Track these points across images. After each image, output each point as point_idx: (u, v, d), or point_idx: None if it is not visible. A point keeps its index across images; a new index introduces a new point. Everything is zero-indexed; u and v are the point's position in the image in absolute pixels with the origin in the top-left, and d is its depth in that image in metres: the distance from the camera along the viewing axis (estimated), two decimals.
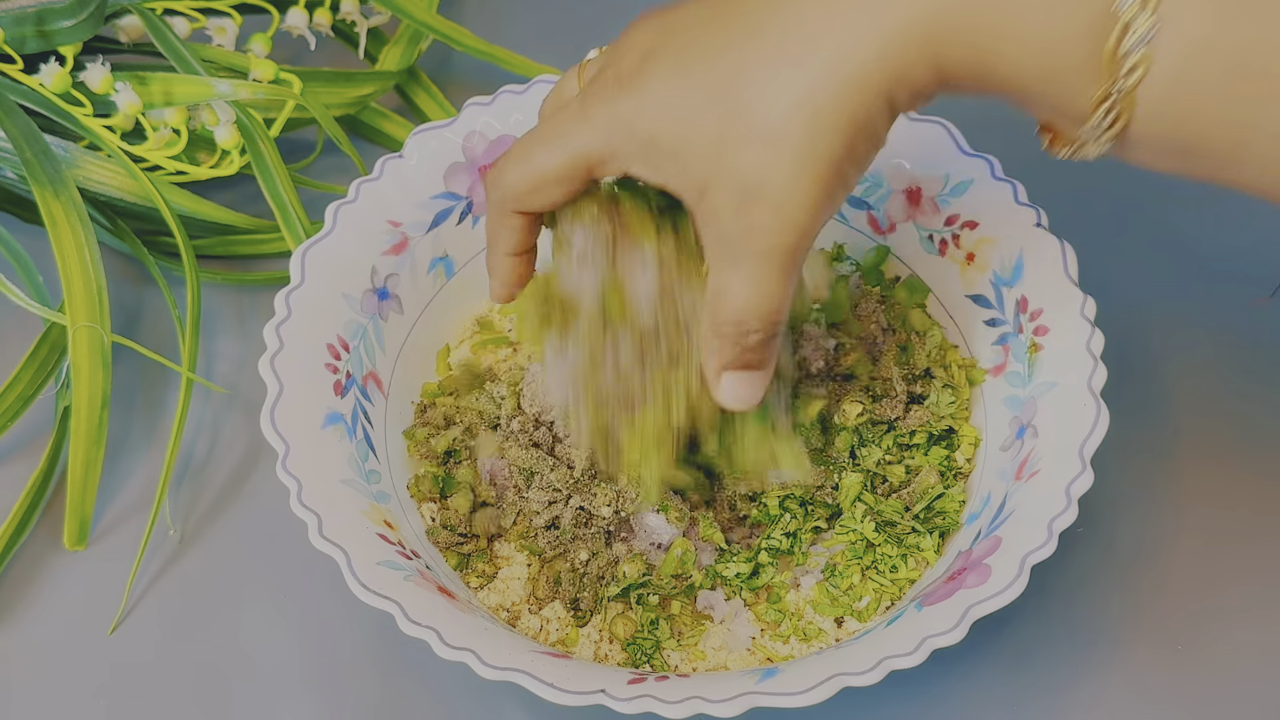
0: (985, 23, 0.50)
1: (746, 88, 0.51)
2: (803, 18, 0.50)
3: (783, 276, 0.54)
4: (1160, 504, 0.68)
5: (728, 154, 0.52)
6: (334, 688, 0.65)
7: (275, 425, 0.62)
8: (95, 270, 0.71)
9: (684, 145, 0.53)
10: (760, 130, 0.51)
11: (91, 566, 0.69)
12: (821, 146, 0.51)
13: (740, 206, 0.52)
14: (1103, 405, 0.61)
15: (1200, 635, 0.65)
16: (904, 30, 0.50)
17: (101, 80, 0.75)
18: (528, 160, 0.57)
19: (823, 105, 0.50)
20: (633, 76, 0.53)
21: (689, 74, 0.52)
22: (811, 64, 0.50)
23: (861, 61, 0.50)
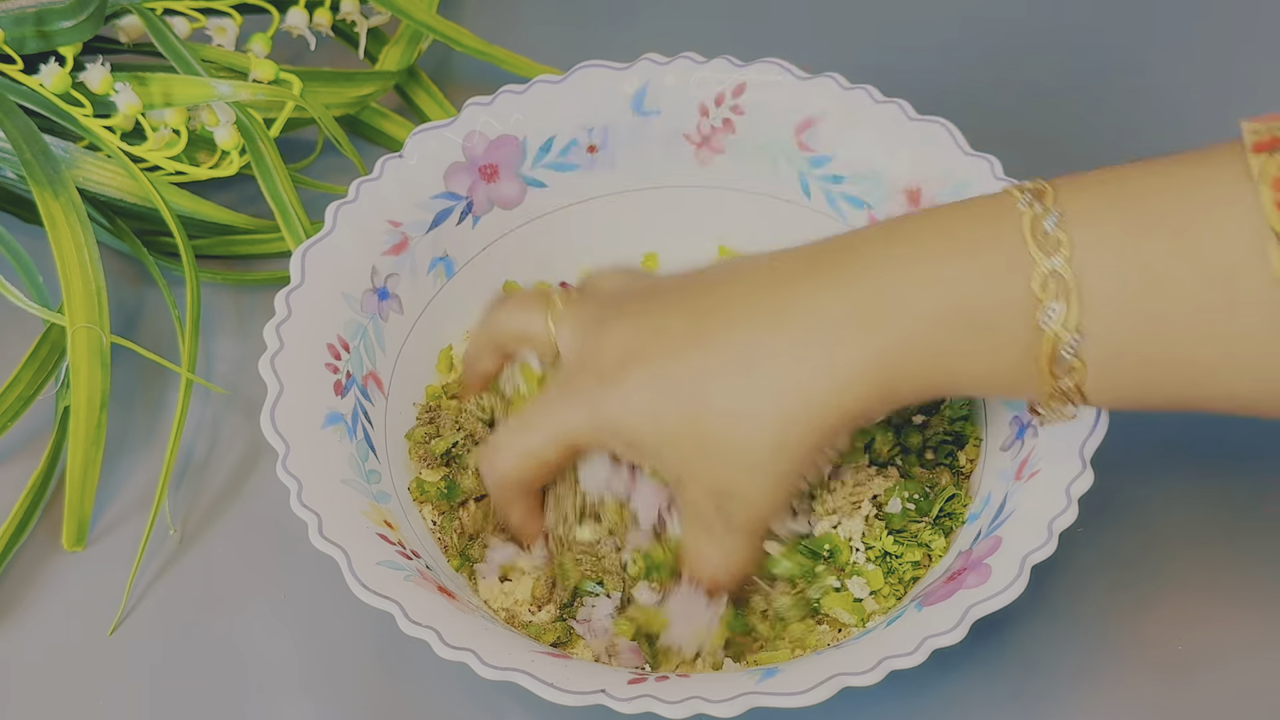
0: (930, 364, 0.57)
1: (717, 415, 0.58)
2: (774, 354, 0.57)
3: (750, 547, 0.61)
4: (1160, 504, 0.68)
5: (699, 462, 0.59)
6: (334, 688, 0.65)
7: (275, 425, 0.62)
8: (94, 270, 0.71)
9: (659, 447, 0.59)
10: (729, 451, 0.58)
11: (91, 567, 0.69)
12: (785, 468, 0.59)
13: (710, 499, 0.60)
14: None
15: (1200, 635, 0.65)
16: (861, 375, 0.57)
17: (101, 80, 0.75)
18: (521, 446, 0.63)
19: (788, 435, 0.57)
20: (614, 378, 0.60)
21: (665, 388, 0.59)
22: (779, 400, 0.57)
23: (823, 402, 0.57)
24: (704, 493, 0.60)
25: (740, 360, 0.58)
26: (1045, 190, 0.56)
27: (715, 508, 0.60)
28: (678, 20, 0.91)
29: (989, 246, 0.56)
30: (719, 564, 0.62)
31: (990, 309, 0.55)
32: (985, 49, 0.88)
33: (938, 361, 0.57)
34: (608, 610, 0.63)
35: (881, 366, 0.56)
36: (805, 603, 0.63)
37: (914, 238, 0.57)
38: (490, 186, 0.73)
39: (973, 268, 0.56)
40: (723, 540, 0.61)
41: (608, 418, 0.60)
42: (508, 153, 0.73)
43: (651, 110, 0.74)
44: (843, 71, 0.73)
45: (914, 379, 0.57)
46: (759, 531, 0.61)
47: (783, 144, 0.73)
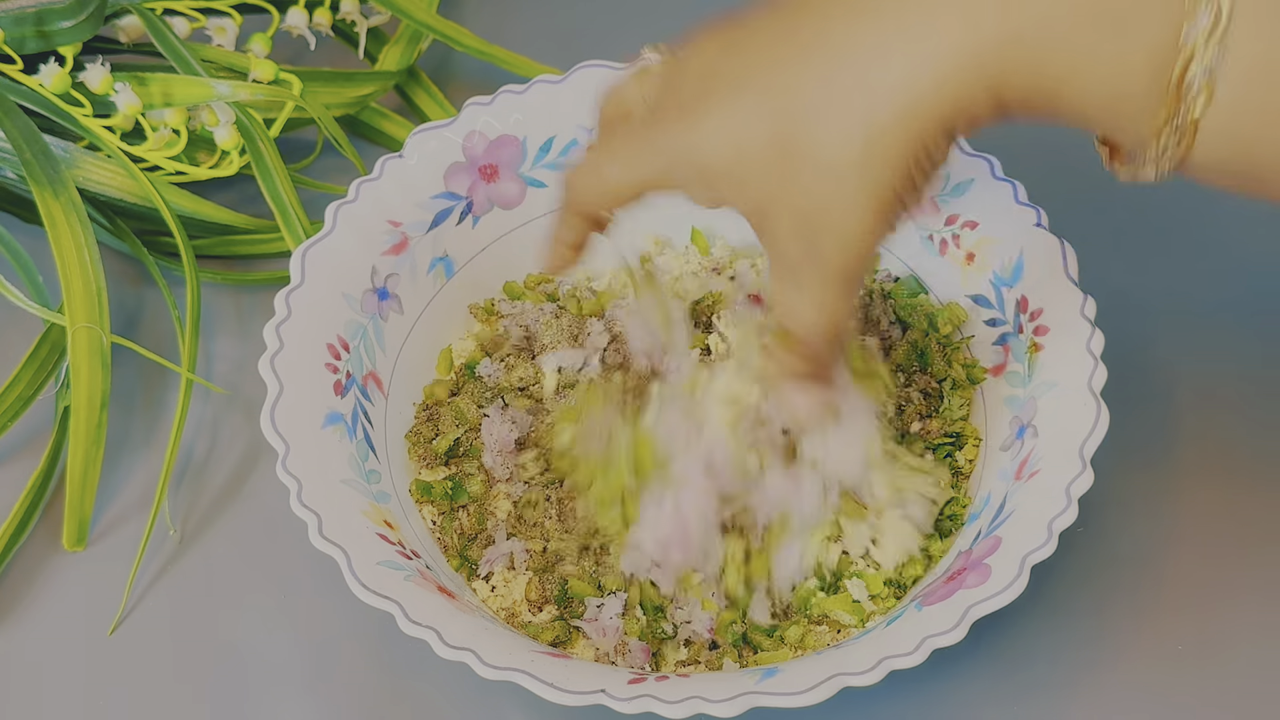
0: (1048, 56, 0.50)
1: (805, 115, 0.51)
2: (863, 43, 0.51)
3: (844, 295, 0.55)
4: (1160, 504, 0.68)
5: (786, 180, 0.52)
6: (334, 688, 0.65)
7: (275, 425, 0.62)
8: (95, 270, 0.71)
9: (742, 171, 0.53)
10: (818, 158, 0.51)
11: (91, 567, 0.69)
12: (880, 177, 0.51)
13: (799, 231, 0.53)
14: (1103, 405, 0.61)
15: (1200, 635, 0.65)
16: (965, 63, 0.50)
17: (101, 80, 0.75)
18: (599, 175, 0.57)
19: (880, 136, 0.51)
20: (694, 105, 0.54)
21: (749, 100, 0.52)
22: (870, 94, 0.50)
23: (920, 93, 0.50)
24: (791, 223, 0.53)
25: (829, 57, 0.51)
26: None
27: (804, 243, 0.53)
28: (678, 20, 0.90)
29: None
30: (812, 318, 0.56)
31: (1129, 5, 0.49)
32: None
33: (1055, 59, 0.50)
34: (616, 609, 0.63)
35: (991, 54, 0.50)
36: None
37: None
38: (490, 186, 0.73)
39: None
40: (813, 287, 0.55)
41: (688, 150, 0.54)
42: (508, 153, 0.73)
43: None
44: None
45: (1024, 77, 0.50)
46: (853, 271, 0.54)
47: None
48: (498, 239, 0.73)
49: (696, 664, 0.63)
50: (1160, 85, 0.49)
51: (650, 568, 0.63)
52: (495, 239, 0.73)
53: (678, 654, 0.63)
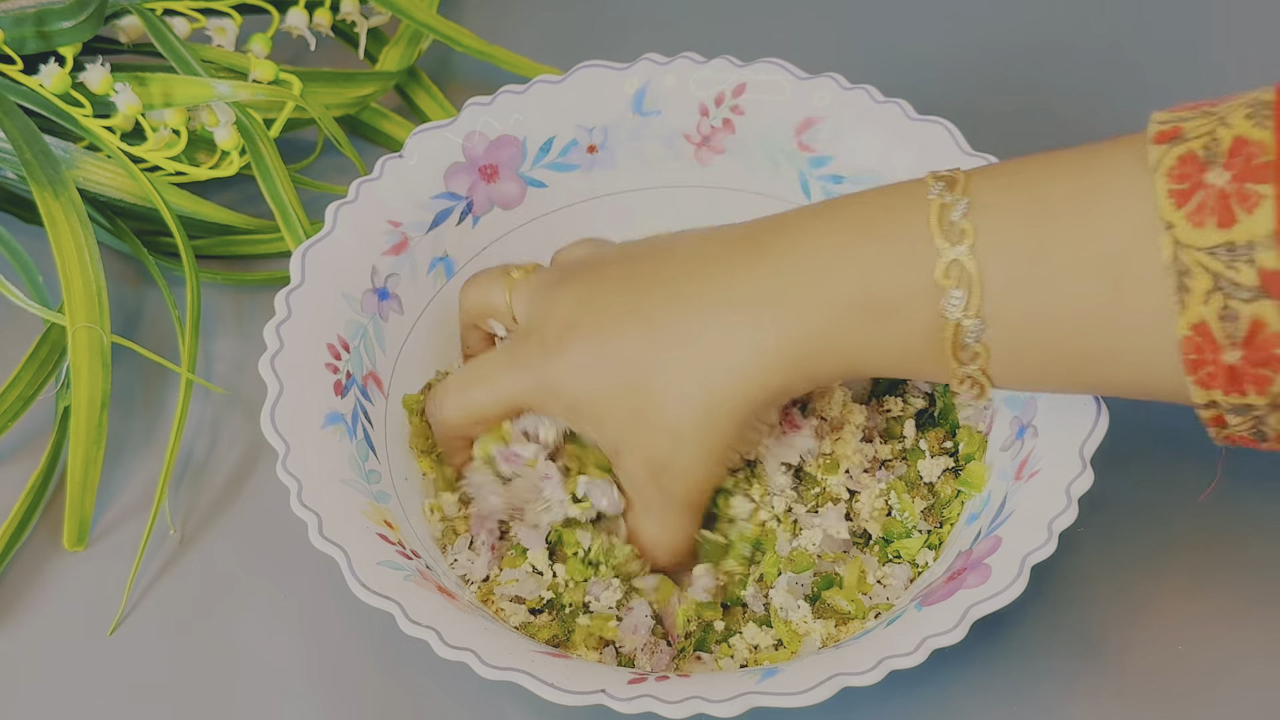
0: (843, 344, 0.59)
1: (652, 387, 0.60)
2: (701, 334, 0.60)
3: (687, 520, 0.63)
4: (1160, 504, 0.68)
5: (636, 430, 0.61)
6: (334, 688, 0.65)
7: (275, 425, 0.62)
8: (95, 271, 0.71)
9: (599, 416, 0.62)
10: (664, 423, 0.61)
11: (91, 567, 0.69)
12: (715, 438, 0.61)
13: (647, 470, 0.62)
14: (1103, 405, 0.61)
15: (1200, 635, 0.65)
16: (779, 355, 0.59)
17: (101, 81, 0.75)
18: (465, 398, 0.65)
19: (716, 408, 0.60)
20: (557, 347, 0.62)
21: (602, 362, 0.61)
22: (708, 374, 0.60)
23: (747, 376, 0.59)
24: (640, 464, 0.62)
25: (671, 338, 0.60)
26: (957, 179, 0.58)
27: (650, 478, 0.62)
28: (678, 20, 0.91)
29: (898, 235, 0.58)
30: (656, 539, 0.64)
31: (897, 295, 0.57)
32: (986, 49, 0.88)
33: (850, 344, 0.59)
34: (646, 611, 0.63)
35: (798, 348, 0.59)
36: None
37: (835, 224, 0.59)
38: (490, 186, 0.73)
39: (882, 256, 0.58)
40: (660, 514, 0.63)
41: (550, 384, 0.63)
42: (508, 153, 0.73)
43: (651, 110, 0.74)
44: (843, 71, 0.73)
45: (829, 359, 0.59)
46: (694, 504, 0.63)
47: (783, 144, 0.73)
48: (498, 239, 0.73)
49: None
50: (941, 353, 0.57)
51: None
52: (495, 239, 0.73)
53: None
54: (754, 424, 0.62)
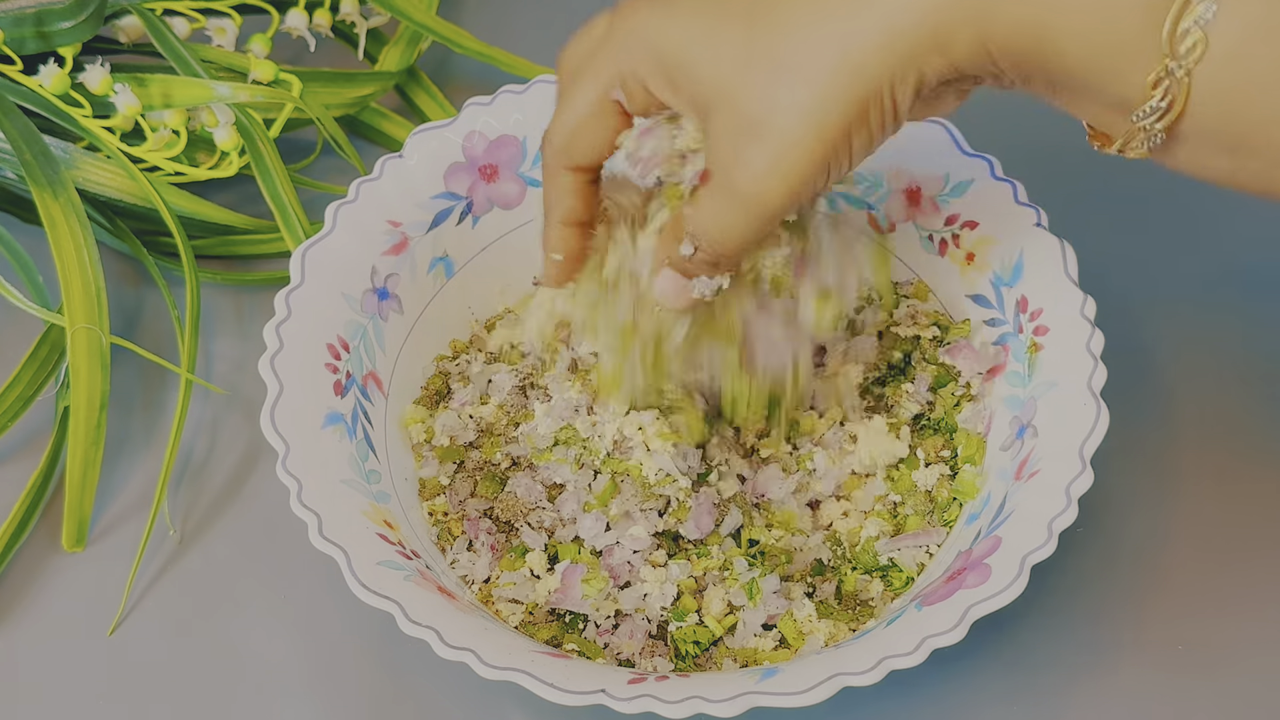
0: (1031, 11, 0.48)
1: (785, 23, 0.49)
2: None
3: (751, 226, 0.53)
4: (1160, 504, 0.68)
5: (742, 76, 0.50)
6: (334, 688, 0.65)
7: (275, 425, 0.62)
8: (94, 271, 0.71)
9: (701, 60, 0.51)
10: (784, 60, 0.49)
11: (91, 567, 0.69)
12: (837, 104, 0.49)
13: (739, 135, 0.51)
14: (1103, 405, 0.61)
15: (1200, 635, 0.65)
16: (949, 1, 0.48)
17: (101, 81, 0.75)
18: (562, 105, 0.56)
19: (854, 57, 0.48)
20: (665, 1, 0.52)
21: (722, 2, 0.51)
22: (855, 16, 0.48)
23: (903, 25, 0.48)
24: (731, 122, 0.51)
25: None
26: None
27: (735, 147, 0.51)
28: None
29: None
30: (710, 224, 0.54)
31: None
32: None
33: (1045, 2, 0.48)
34: (642, 619, 0.64)
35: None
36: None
37: None
38: (490, 186, 0.73)
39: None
40: (724, 202, 0.53)
41: (646, 34, 0.53)
42: (508, 153, 0.73)
43: None
44: None
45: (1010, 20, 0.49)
46: (766, 210, 0.53)
47: None
48: (498, 239, 0.73)
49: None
50: (1153, 33, 0.47)
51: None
52: (495, 239, 0.73)
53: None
54: (885, 105, 0.50)
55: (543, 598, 0.64)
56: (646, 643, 0.63)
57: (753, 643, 0.63)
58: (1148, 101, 0.48)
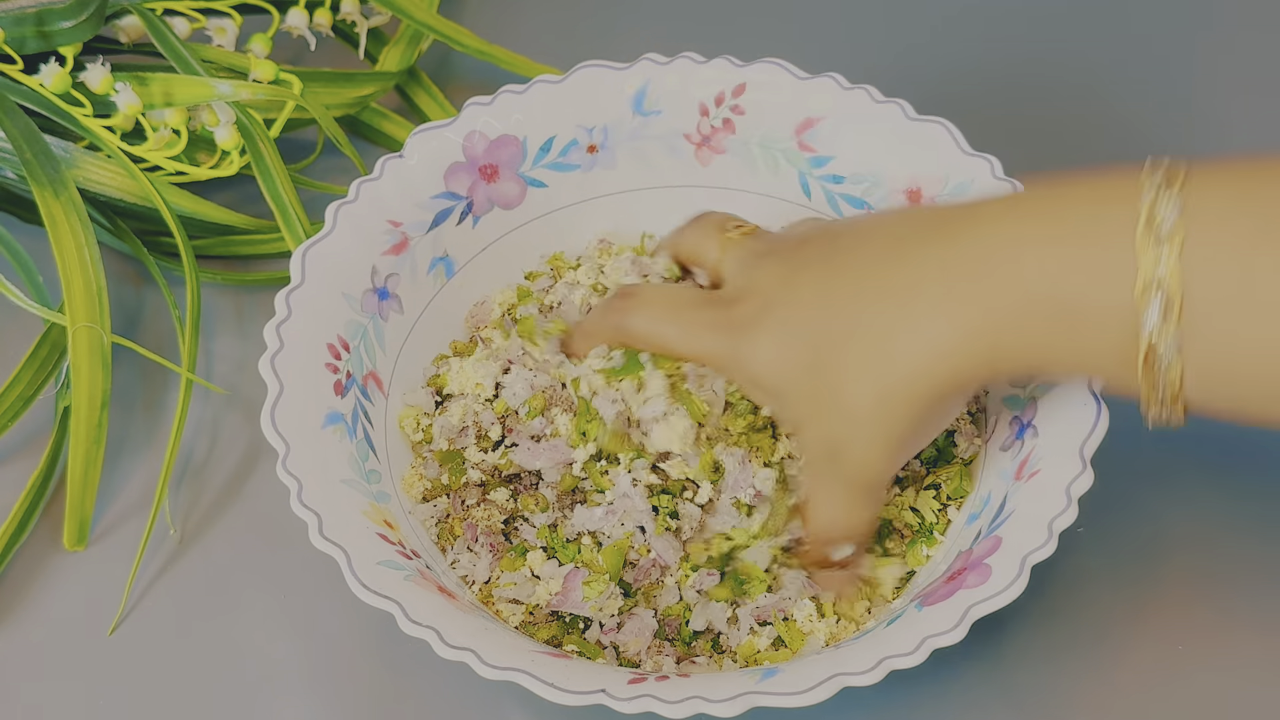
0: (1026, 347, 0.57)
1: (833, 371, 0.60)
2: (891, 323, 0.59)
3: (864, 504, 0.63)
4: (1160, 504, 0.68)
5: (817, 411, 0.61)
6: (334, 688, 0.65)
7: (275, 425, 0.62)
8: (95, 270, 0.71)
9: (783, 395, 0.62)
10: (842, 404, 0.60)
11: (91, 566, 0.69)
12: (890, 427, 0.60)
13: (826, 453, 0.62)
14: (1103, 405, 0.61)
15: (1200, 635, 0.65)
16: (957, 347, 0.58)
17: (101, 81, 0.75)
18: (657, 327, 0.65)
19: (890, 396, 0.59)
20: (752, 323, 0.62)
21: (791, 341, 0.61)
22: (885, 362, 0.59)
23: (931, 369, 0.58)
24: (820, 445, 0.62)
25: (856, 326, 0.60)
26: (1178, 174, 0.54)
27: (828, 456, 0.62)
28: (678, 20, 0.91)
29: (1099, 240, 0.55)
30: (830, 515, 0.63)
31: (1089, 303, 0.55)
32: (985, 49, 0.88)
33: (1035, 343, 0.57)
34: (648, 616, 0.63)
35: (980, 340, 0.57)
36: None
37: (1030, 217, 0.57)
38: (490, 186, 0.73)
39: (1079, 261, 0.55)
40: (834, 493, 0.62)
41: (739, 358, 0.63)
42: (508, 153, 0.73)
43: (652, 110, 0.74)
44: (843, 71, 0.73)
45: (1012, 357, 0.58)
46: (871, 486, 0.62)
47: (783, 144, 0.73)
48: (498, 239, 0.73)
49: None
50: (1130, 367, 0.55)
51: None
52: (495, 239, 0.73)
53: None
54: (932, 417, 0.61)
55: (543, 600, 0.64)
56: (652, 641, 0.63)
57: (749, 640, 0.63)
58: (1151, 406, 0.56)
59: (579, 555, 0.64)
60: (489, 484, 0.67)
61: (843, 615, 0.64)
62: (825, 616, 0.64)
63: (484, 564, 0.65)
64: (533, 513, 0.65)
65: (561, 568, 0.64)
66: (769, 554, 0.64)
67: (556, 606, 0.63)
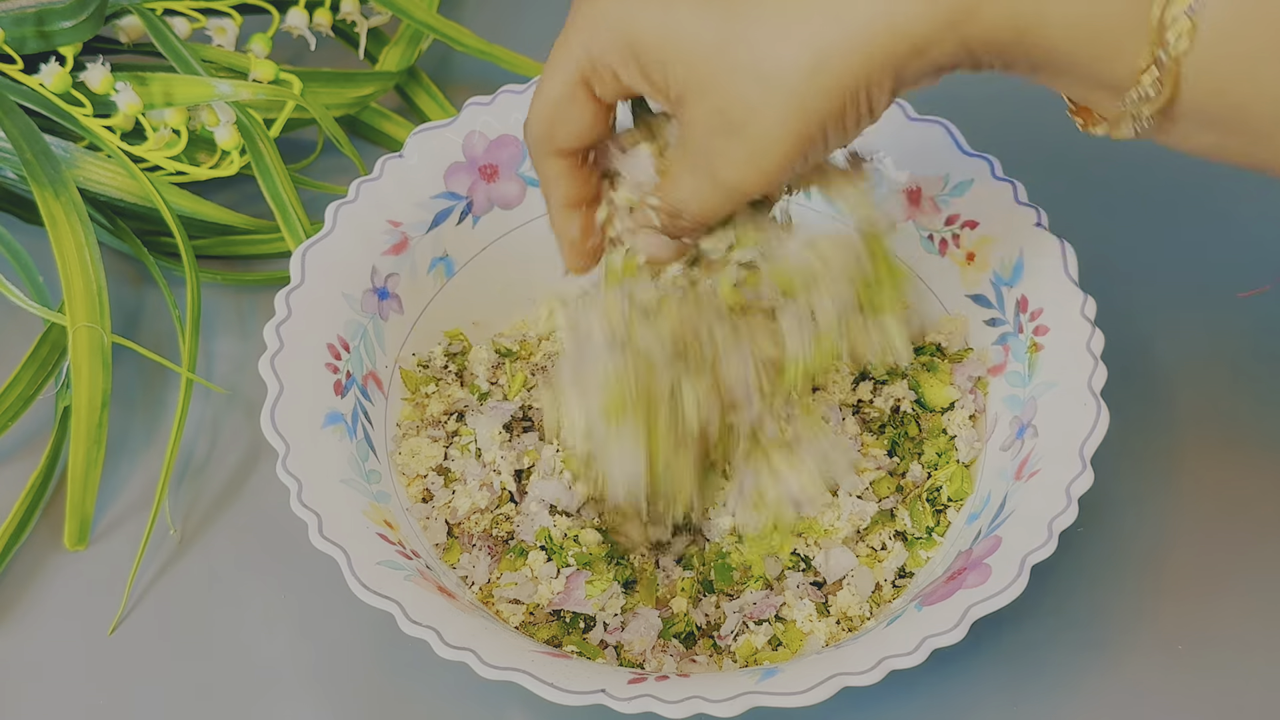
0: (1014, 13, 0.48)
1: (758, 22, 0.49)
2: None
3: (729, 204, 0.54)
4: (1160, 504, 0.68)
5: (717, 76, 0.50)
6: (334, 688, 0.65)
7: (275, 425, 0.62)
8: (95, 270, 0.71)
9: (674, 53, 0.51)
10: (758, 67, 0.49)
11: (91, 566, 0.69)
12: (813, 104, 0.50)
13: (715, 129, 0.51)
14: (1103, 405, 0.61)
15: (1200, 635, 0.65)
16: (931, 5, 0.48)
17: (101, 80, 0.75)
18: (538, 93, 0.56)
19: (827, 62, 0.49)
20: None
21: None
22: (828, 19, 0.49)
23: (878, 27, 0.48)
24: (707, 118, 0.52)
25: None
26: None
27: (712, 139, 0.52)
28: None
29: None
30: (687, 199, 0.55)
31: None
32: None
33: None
34: (652, 616, 0.64)
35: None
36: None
37: None
38: (490, 186, 0.73)
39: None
40: (702, 183, 0.54)
41: (612, 19, 0.52)
42: (508, 153, 0.73)
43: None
44: None
45: (993, 12, 0.48)
46: (747, 188, 0.53)
47: None
48: (498, 239, 0.73)
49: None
50: (1140, 21, 0.47)
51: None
52: (495, 239, 0.73)
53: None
54: (861, 104, 0.50)
55: (545, 599, 0.64)
56: (656, 641, 0.63)
57: (748, 639, 0.63)
58: (1135, 88, 0.49)
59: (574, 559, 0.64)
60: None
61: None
62: (823, 617, 0.64)
63: (483, 566, 0.65)
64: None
65: (563, 569, 0.64)
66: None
67: (559, 605, 0.63)
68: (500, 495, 0.66)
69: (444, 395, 0.69)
